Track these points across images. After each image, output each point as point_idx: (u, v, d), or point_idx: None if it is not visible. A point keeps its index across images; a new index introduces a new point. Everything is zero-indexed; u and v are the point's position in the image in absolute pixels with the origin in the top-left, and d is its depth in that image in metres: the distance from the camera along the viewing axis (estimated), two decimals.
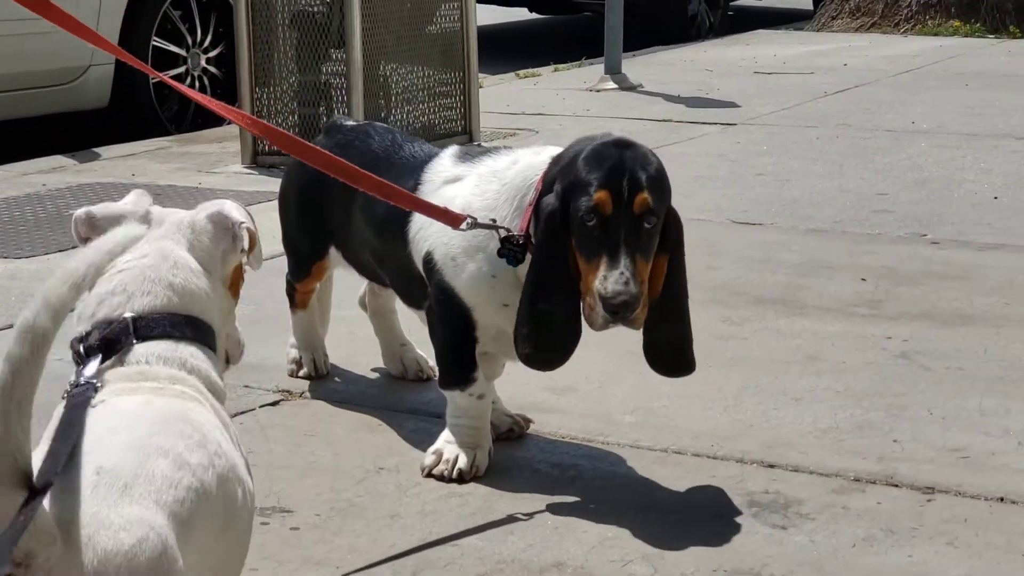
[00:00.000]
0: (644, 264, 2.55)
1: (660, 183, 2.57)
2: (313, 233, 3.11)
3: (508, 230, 2.64)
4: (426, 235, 2.75)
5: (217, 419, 1.71)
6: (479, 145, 5.95)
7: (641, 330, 2.65)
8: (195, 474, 1.56)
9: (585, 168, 2.56)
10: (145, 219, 1.87)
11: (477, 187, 2.74)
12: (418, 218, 2.77)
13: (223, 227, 1.86)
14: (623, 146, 2.58)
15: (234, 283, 1.92)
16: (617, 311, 2.50)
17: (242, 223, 1.86)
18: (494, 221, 2.66)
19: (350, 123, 3.15)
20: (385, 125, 3.14)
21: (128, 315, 1.74)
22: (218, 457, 1.63)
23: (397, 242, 2.81)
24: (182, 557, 1.49)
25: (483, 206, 2.70)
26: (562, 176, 2.59)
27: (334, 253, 3.12)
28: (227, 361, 1.96)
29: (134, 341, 1.72)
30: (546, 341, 2.63)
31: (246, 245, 1.86)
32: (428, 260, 2.75)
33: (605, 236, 2.52)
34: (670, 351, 2.71)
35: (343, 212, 3.00)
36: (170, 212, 1.91)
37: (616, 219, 2.52)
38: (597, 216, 2.53)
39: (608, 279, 2.50)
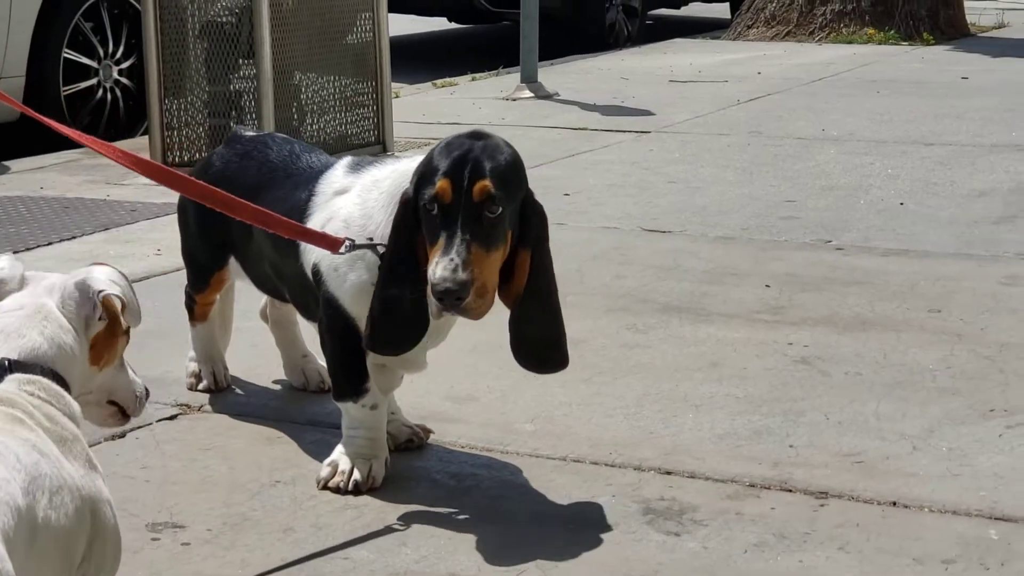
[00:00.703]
0: (483, 253, 2.53)
1: (507, 171, 2.57)
2: (212, 244, 3.10)
3: (385, 246, 2.64)
4: (313, 248, 2.74)
5: (35, 437, 1.74)
6: (391, 155, 5.95)
7: (511, 325, 2.66)
8: None
9: (433, 159, 2.58)
10: (21, 283, 1.96)
11: (359, 197, 2.74)
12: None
13: (86, 295, 1.94)
14: (475, 137, 2.60)
15: (110, 345, 1.98)
16: (442, 297, 2.49)
17: (101, 291, 1.94)
18: (371, 239, 2.66)
19: (250, 134, 3.14)
20: (285, 136, 3.13)
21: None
22: (17, 471, 1.66)
23: (290, 255, 2.81)
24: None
25: (362, 215, 2.71)
26: (418, 169, 2.60)
27: (234, 264, 3.11)
28: (124, 414, 2.08)
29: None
30: (391, 326, 2.63)
31: (100, 315, 1.94)
32: (315, 272, 2.75)
33: (443, 223, 2.53)
34: (537, 347, 2.70)
35: (241, 225, 2.98)
36: (44, 276, 1.99)
37: (455, 207, 2.52)
38: (438, 204, 2.53)
39: (438, 265, 2.50)
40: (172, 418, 3.14)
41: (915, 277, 4.22)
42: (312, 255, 2.76)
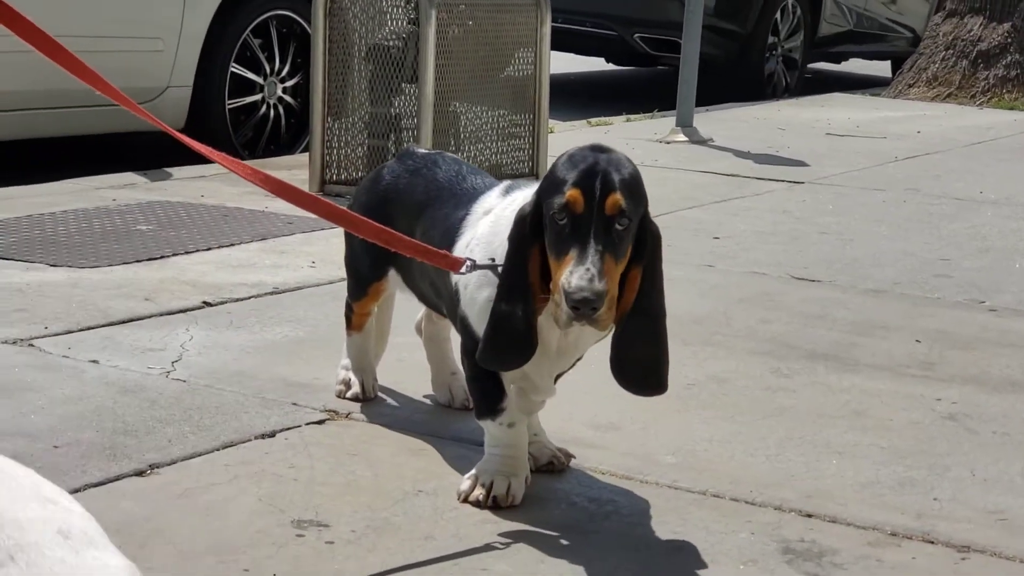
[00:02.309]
0: (613, 264, 2.55)
1: (633, 186, 2.59)
2: (374, 254, 3.15)
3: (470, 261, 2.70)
4: None
5: None
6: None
7: (613, 343, 2.67)
8: None
9: (560, 170, 2.60)
10: None
11: (495, 216, 2.80)
12: (456, 248, 2.82)
13: None
14: (598, 150, 2.62)
15: None
16: (578, 306, 2.50)
17: None
18: (493, 260, 2.69)
19: (421, 151, 3.20)
20: (454, 156, 3.18)
21: None
22: None
23: (444, 273, 2.85)
24: None
25: (491, 233, 2.76)
26: (543, 182, 2.64)
27: (394, 276, 3.16)
28: None
29: None
30: (502, 342, 2.65)
31: None
32: (456, 291, 2.80)
33: (575, 234, 2.54)
34: (639, 368, 2.70)
35: (408, 236, 3.04)
36: None
37: (587, 218, 2.54)
38: (568, 214, 2.55)
39: (573, 274, 2.51)
40: (320, 423, 3.20)
41: None
42: (455, 275, 2.80)
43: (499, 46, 6.12)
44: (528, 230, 2.63)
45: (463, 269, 2.72)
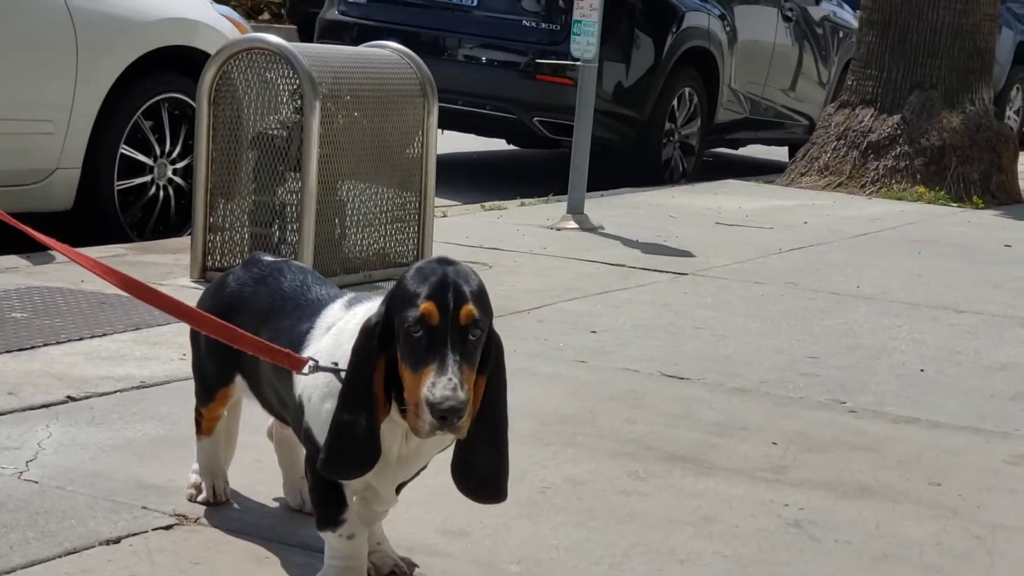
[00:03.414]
0: (470, 372, 2.63)
1: (483, 297, 2.68)
2: (220, 359, 3.19)
3: (312, 360, 2.76)
4: (300, 378, 2.83)
5: None
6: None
7: (456, 449, 2.74)
8: None
9: (411, 283, 2.66)
10: None
11: (337, 330, 2.85)
12: None
13: None
14: (446, 263, 2.69)
15: None
16: (445, 416, 2.57)
17: None
18: (336, 364, 2.74)
19: (268, 259, 3.24)
20: (301, 265, 3.23)
21: None
22: None
23: (287, 383, 2.89)
24: None
25: (334, 345, 2.82)
26: (388, 297, 2.70)
27: (240, 382, 3.19)
28: None
29: None
30: (345, 451, 2.70)
31: None
32: (299, 402, 2.84)
33: (432, 346, 2.61)
34: (480, 476, 2.77)
35: None
36: None
37: (442, 329, 2.61)
38: (423, 327, 2.61)
39: (436, 385, 2.58)
40: (168, 528, 3.21)
41: (921, 447, 4.26)
42: (299, 386, 2.84)
43: (386, 135, 6.19)
44: (375, 341, 2.68)
45: (305, 369, 2.77)
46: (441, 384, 2.57)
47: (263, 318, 3.02)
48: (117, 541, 3.10)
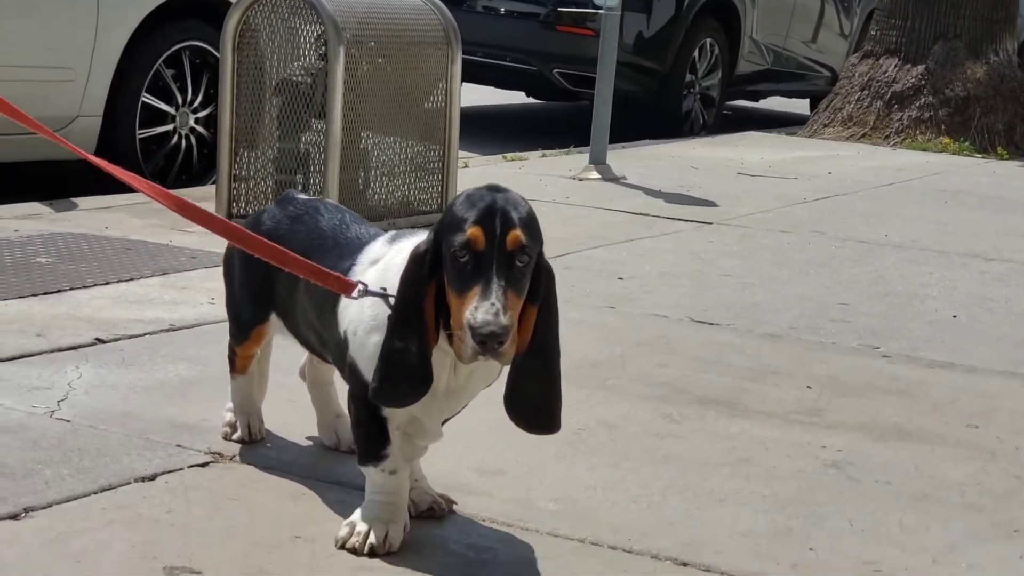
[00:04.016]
0: (515, 299, 2.59)
1: (531, 223, 2.63)
2: (255, 298, 3.16)
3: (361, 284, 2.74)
4: (346, 312, 2.80)
5: None
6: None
7: (508, 379, 2.71)
8: None
9: (459, 209, 2.62)
10: None
11: (384, 264, 2.81)
12: (344, 301, 2.82)
13: None
14: (495, 190, 2.65)
15: None
16: (485, 341, 2.54)
17: None
18: (384, 289, 2.71)
19: (302, 197, 3.20)
20: (336, 204, 3.19)
21: None
22: None
23: (331, 319, 2.86)
24: None
25: (380, 280, 2.77)
26: (437, 224, 2.66)
27: (275, 320, 3.16)
28: None
29: None
30: (396, 379, 2.67)
31: None
32: (344, 337, 2.80)
33: (477, 270, 2.57)
34: (532, 406, 2.73)
35: (286, 282, 3.04)
36: None
37: (488, 254, 2.57)
38: (469, 251, 2.57)
39: (479, 309, 2.54)
40: (203, 465, 3.18)
41: (957, 392, 4.22)
42: (344, 321, 2.81)
43: (409, 82, 6.14)
44: (425, 268, 2.65)
45: (355, 293, 2.74)
46: (484, 308, 2.54)
47: (302, 255, 2.98)
48: (152, 478, 3.07)
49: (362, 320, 2.78)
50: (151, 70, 6.95)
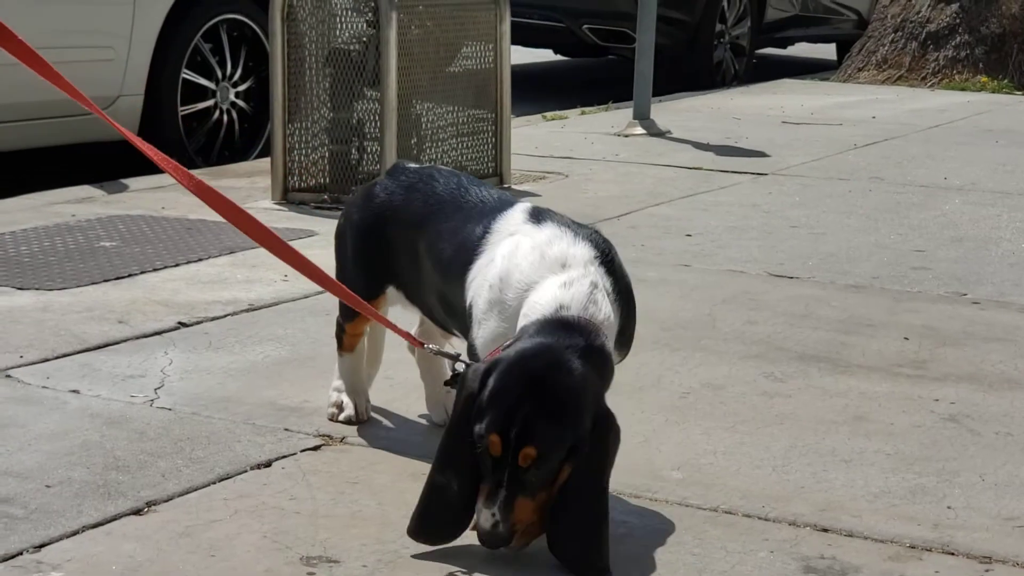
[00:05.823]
0: (526, 503, 2.50)
1: (558, 425, 2.47)
2: (371, 273, 3.06)
3: (462, 360, 2.75)
4: (472, 284, 2.71)
5: None
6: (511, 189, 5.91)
7: (550, 516, 2.58)
8: None
9: (488, 395, 2.49)
10: None
11: (515, 247, 2.71)
12: (476, 265, 2.73)
13: None
14: (533, 375, 2.48)
15: None
16: (484, 543, 2.51)
17: None
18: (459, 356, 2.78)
19: (413, 165, 3.10)
20: (450, 169, 3.09)
21: None
22: None
23: (458, 288, 2.77)
24: None
25: (508, 265, 2.69)
26: (480, 393, 2.51)
27: (393, 293, 3.06)
28: None
29: None
30: (435, 514, 2.58)
31: None
32: (468, 311, 2.72)
33: (492, 469, 2.49)
34: (570, 551, 2.55)
35: (408, 253, 2.95)
36: None
37: (502, 461, 2.48)
38: (485, 450, 2.49)
39: (482, 513, 2.49)
40: (316, 449, 3.10)
41: None
42: (469, 294, 2.72)
43: (459, 45, 6.04)
44: (474, 409, 2.52)
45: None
46: (484, 516, 2.49)
47: (419, 223, 2.89)
48: (268, 464, 2.99)
49: (481, 296, 2.70)
50: (189, 45, 6.85)
